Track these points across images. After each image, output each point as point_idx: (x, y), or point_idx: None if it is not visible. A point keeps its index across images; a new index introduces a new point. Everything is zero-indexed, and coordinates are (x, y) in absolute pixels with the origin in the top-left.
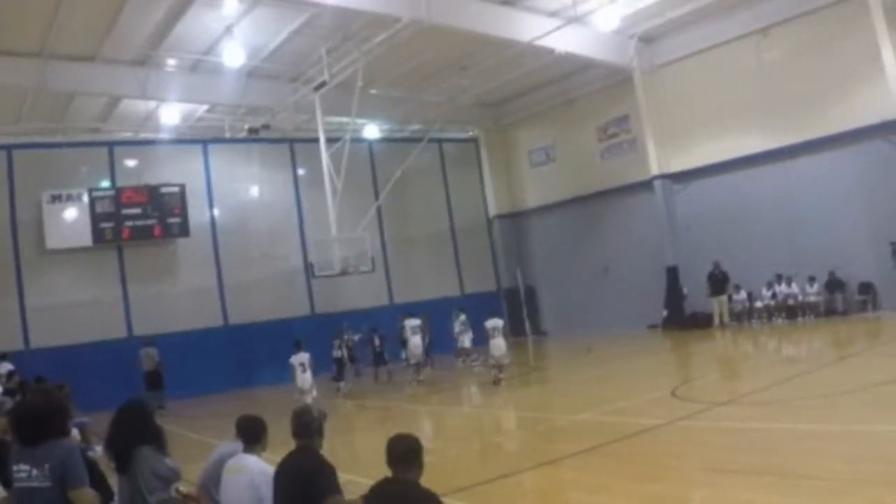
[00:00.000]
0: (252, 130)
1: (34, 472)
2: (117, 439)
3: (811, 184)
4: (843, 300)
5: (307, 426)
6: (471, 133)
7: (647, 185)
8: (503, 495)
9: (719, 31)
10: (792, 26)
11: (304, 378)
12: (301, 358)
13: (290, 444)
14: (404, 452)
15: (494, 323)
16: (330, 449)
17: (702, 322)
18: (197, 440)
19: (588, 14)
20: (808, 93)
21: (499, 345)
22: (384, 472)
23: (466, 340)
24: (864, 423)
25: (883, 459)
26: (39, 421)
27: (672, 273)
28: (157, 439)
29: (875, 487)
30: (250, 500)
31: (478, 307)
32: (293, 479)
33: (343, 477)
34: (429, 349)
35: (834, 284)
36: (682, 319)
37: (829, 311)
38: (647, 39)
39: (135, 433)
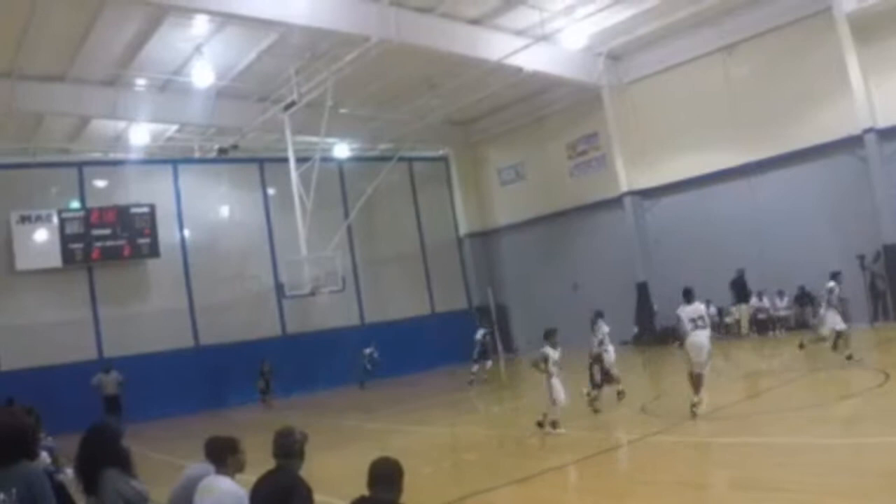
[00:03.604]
0: (222, 150)
1: (0, 496)
2: (84, 461)
3: (779, 199)
4: (812, 313)
5: (288, 447)
6: (441, 151)
7: (616, 201)
8: None
9: (686, 48)
10: (758, 43)
11: (555, 384)
12: (553, 354)
13: (271, 465)
14: (386, 474)
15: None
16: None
17: (672, 337)
18: (167, 461)
19: (556, 32)
20: (775, 108)
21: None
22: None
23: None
24: (833, 436)
25: (852, 471)
26: (7, 443)
27: (642, 289)
28: (123, 461)
29: (844, 499)
30: None
31: (450, 326)
32: (268, 496)
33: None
34: None
35: (803, 298)
36: (653, 335)
37: (800, 325)
38: (614, 57)
39: (101, 455)
